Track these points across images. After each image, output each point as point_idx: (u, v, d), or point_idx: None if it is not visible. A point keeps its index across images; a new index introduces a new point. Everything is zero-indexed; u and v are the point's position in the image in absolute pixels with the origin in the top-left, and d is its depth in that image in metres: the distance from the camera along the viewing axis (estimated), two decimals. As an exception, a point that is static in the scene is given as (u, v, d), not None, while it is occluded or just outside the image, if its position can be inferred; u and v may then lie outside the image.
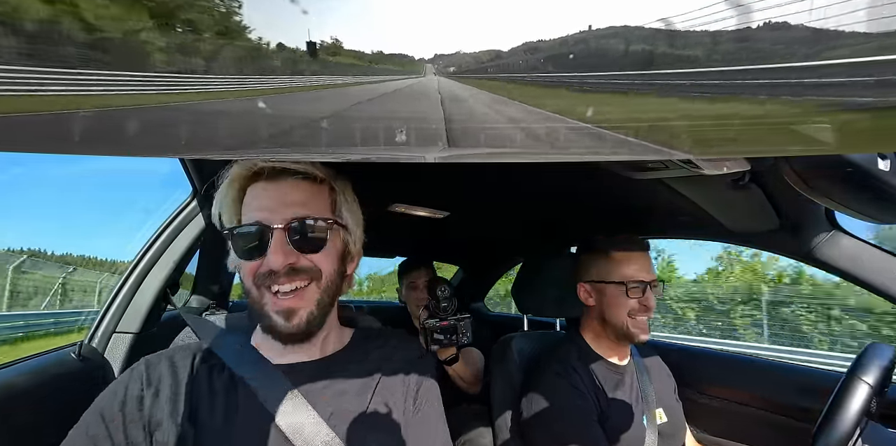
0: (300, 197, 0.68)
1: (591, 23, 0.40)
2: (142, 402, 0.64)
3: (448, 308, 1.23)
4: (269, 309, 0.66)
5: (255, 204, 0.68)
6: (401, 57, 0.44)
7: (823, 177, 0.69)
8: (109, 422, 0.62)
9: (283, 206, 0.66)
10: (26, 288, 9.09)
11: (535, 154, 0.61)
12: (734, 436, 1.39)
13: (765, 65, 0.42)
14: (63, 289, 9.81)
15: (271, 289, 0.65)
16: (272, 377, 0.68)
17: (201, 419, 0.64)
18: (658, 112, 0.50)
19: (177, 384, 0.66)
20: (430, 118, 0.54)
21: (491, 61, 0.47)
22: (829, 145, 0.44)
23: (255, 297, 0.67)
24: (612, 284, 1.14)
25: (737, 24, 0.40)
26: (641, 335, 1.12)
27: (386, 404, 0.71)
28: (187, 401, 0.65)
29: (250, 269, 0.66)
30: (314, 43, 0.42)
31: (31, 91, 0.41)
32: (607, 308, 1.15)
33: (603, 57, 0.44)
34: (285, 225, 0.65)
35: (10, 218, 29.05)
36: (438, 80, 0.49)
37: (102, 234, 33.94)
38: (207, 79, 0.46)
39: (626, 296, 1.12)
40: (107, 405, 0.64)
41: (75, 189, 49.29)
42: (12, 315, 8.36)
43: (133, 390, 0.65)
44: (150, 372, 0.67)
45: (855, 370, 0.78)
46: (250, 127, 0.52)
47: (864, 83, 0.39)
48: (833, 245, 1.09)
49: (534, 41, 0.42)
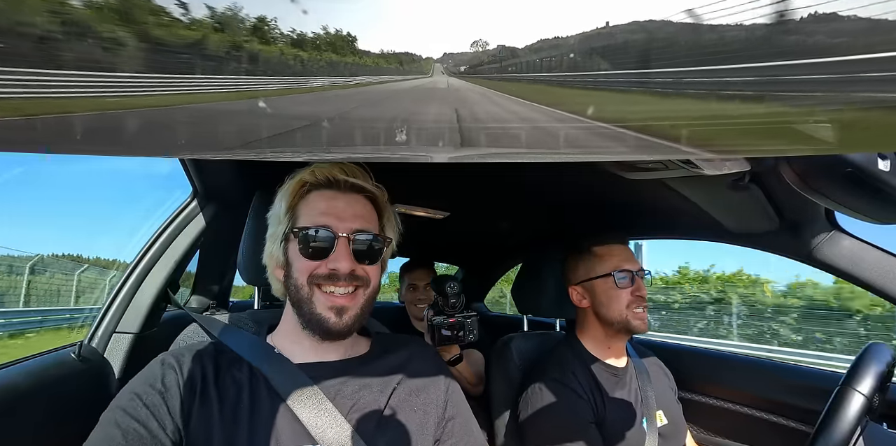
0: (361, 211, 0.75)
1: (586, 24, 0.40)
2: (180, 392, 0.65)
3: (456, 304, 1.23)
4: (321, 305, 0.70)
5: (322, 209, 0.73)
6: (409, 56, 0.44)
7: (823, 177, 0.69)
8: (152, 408, 0.62)
9: (349, 217, 0.73)
10: (45, 286, 9.35)
11: (542, 154, 0.61)
12: (734, 436, 1.39)
13: (765, 63, 0.42)
14: (78, 285, 9.95)
15: (323, 289, 0.70)
16: (292, 373, 0.70)
17: (227, 412, 0.65)
18: (659, 112, 0.50)
19: (204, 378, 0.68)
20: (439, 118, 0.54)
21: (499, 60, 0.47)
22: (829, 145, 0.44)
23: (304, 295, 0.71)
24: (600, 278, 1.16)
25: (735, 24, 0.40)
26: (642, 326, 1.13)
27: (407, 405, 0.73)
28: (215, 395, 0.66)
29: (308, 268, 0.71)
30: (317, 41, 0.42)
31: (31, 92, 0.41)
32: (602, 304, 1.16)
33: (607, 56, 0.44)
34: (349, 234, 0.71)
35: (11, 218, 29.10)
36: (448, 79, 0.50)
37: (102, 235, 34.00)
38: (207, 79, 0.46)
39: (616, 288, 1.14)
40: (144, 391, 0.64)
41: (75, 189, 49.33)
42: (29, 310, 8.58)
43: (171, 379, 0.66)
44: (180, 364, 0.68)
45: (849, 380, 0.77)
46: (251, 127, 0.52)
47: (863, 81, 0.39)
48: (833, 245, 1.09)
49: (543, 40, 0.42)
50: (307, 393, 0.68)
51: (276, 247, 0.74)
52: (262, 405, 0.67)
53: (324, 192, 0.75)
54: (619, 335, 1.18)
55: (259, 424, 0.65)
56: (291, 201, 0.74)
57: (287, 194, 0.75)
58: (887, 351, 0.84)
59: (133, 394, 0.64)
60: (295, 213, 0.74)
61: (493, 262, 2.70)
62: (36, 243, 41.81)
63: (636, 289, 1.14)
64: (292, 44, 0.42)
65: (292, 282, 0.72)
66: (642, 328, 1.14)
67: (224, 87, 0.48)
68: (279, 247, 0.74)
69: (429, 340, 1.25)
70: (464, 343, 1.24)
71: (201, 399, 0.65)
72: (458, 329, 1.22)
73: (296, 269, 0.72)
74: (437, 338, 1.22)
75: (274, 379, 0.69)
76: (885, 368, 0.80)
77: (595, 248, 1.20)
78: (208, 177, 1.19)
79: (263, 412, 0.66)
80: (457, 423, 0.77)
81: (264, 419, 0.66)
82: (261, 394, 0.68)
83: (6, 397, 0.85)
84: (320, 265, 0.71)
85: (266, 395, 0.67)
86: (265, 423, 0.65)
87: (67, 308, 9.24)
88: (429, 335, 1.25)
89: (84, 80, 0.42)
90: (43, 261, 9.45)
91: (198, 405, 0.65)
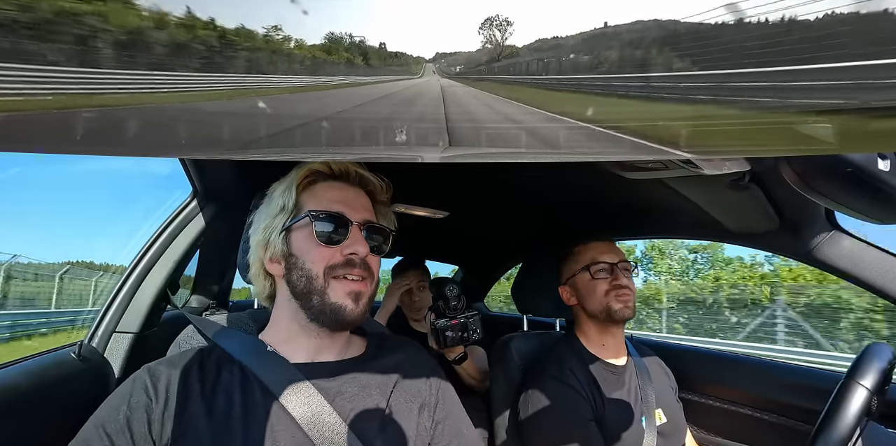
0: (367, 204, 0.76)
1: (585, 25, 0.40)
2: (150, 413, 0.62)
3: (458, 306, 1.24)
4: (338, 293, 0.69)
5: (333, 197, 0.72)
6: (402, 56, 0.44)
7: (823, 177, 0.69)
8: (115, 436, 0.60)
9: (359, 207, 0.73)
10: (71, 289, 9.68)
11: (536, 154, 0.61)
12: (734, 436, 1.39)
13: (765, 68, 0.42)
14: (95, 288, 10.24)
15: (339, 277, 0.69)
16: (287, 372, 0.68)
17: (217, 420, 0.63)
18: (658, 113, 0.50)
19: (187, 387, 0.65)
20: (432, 118, 0.54)
21: (492, 62, 0.47)
22: (829, 145, 0.44)
23: (317, 285, 0.69)
24: (579, 274, 1.21)
25: (735, 26, 0.40)
26: (624, 310, 1.14)
27: (403, 406, 0.72)
28: (202, 404, 0.63)
29: (324, 256, 0.69)
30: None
31: (31, 90, 0.41)
32: (584, 298, 1.20)
33: (598, 61, 0.44)
34: (361, 223, 0.72)
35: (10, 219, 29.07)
36: (440, 80, 0.50)
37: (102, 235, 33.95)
38: (208, 78, 0.46)
39: (592, 279, 1.17)
40: (109, 418, 0.61)
41: (75, 189, 49.29)
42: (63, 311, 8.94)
43: (139, 401, 0.63)
44: (154, 380, 0.65)
45: (853, 373, 0.78)
46: (251, 127, 0.52)
47: (863, 85, 0.39)
48: (833, 245, 1.09)
49: (536, 41, 0.42)
50: (305, 396, 0.66)
51: (276, 238, 0.72)
52: (256, 409, 0.64)
53: (332, 183, 0.74)
54: (608, 327, 1.18)
55: (254, 429, 0.63)
56: (297, 191, 0.73)
57: (291, 185, 0.73)
58: (889, 351, 0.84)
59: (98, 423, 0.61)
60: (299, 204, 0.72)
61: (492, 262, 2.70)
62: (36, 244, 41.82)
63: (614, 279, 1.16)
64: (296, 45, 0.42)
65: (302, 273, 0.69)
66: (625, 313, 1.14)
67: (220, 86, 0.48)
68: (279, 238, 0.71)
69: (433, 344, 1.25)
70: (469, 342, 1.25)
71: (183, 411, 0.62)
72: (462, 330, 1.23)
73: (308, 260, 0.69)
74: (441, 341, 1.22)
75: (269, 381, 0.66)
76: (887, 366, 0.80)
77: (575, 248, 1.25)
78: (208, 177, 1.19)
79: (258, 416, 0.64)
80: (447, 426, 0.76)
81: (259, 423, 0.63)
82: (254, 398, 0.65)
83: (6, 397, 0.85)
84: (335, 252, 0.70)
85: (260, 398, 0.65)
86: (260, 428, 0.63)
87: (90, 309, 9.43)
88: (433, 338, 1.25)
89: (83, 76, 0.42)
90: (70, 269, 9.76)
91: (179, 418, 0.62)
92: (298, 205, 0.72)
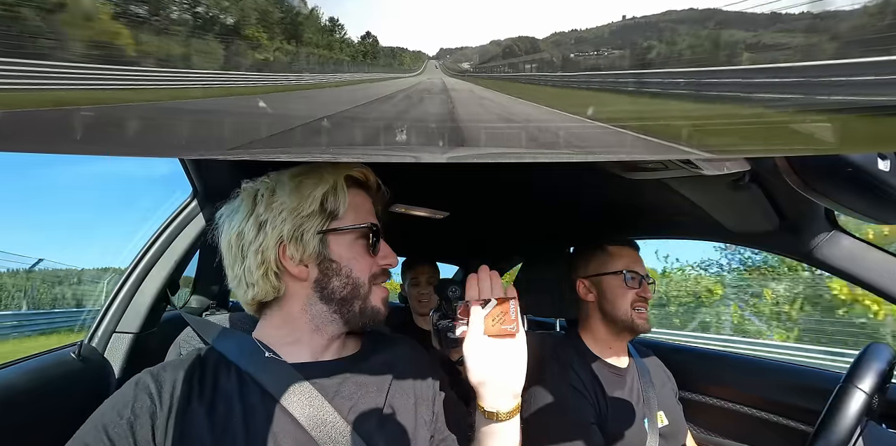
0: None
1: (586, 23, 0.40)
2: (154, 419, 0.61)
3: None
4: (378, 299, 0.74)
5: (367, 208, 0.76)
6: (405, 53, 0.44)
7: (823, 177, 0.69)
8: (117, 440, 0.59)
9: (375, 218, 0.76)
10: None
11: (537, 154, 0.61)
12: (734, 436, 1.39)
13: (765, 65, 0.42)
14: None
15: (378, 284, 0.75)
16: (285, 373, 0.68)
17: (218, 424, 0.62)
18: (659, 112, 0.50)
19: (188, 392, 0.64)
20: (435, 117, 0.54)
21: (496, 59, 0.47)
22: (829, 145, 0.44)
23: (362, 292, 0.73)
24: (610, 275, 1.19)
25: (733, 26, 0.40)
26: (645, 325, 1.16)
27: (401, 402, 0.73)
28: (203, 409, 0.63)
29: (369, 266, 0.73)
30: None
31: (30, 85, 0.41)
32: (608, 301, 1.18)
33: (601, 57, 0.44)
34: (384, 234, 0.76)
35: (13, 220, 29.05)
36: (444, 77, 0.50)
37: (102, 235, 33.94)
38: (208, 77, 0.46)
39: (625, 286, 1.16)
40: (111, 422, 0.60)
41: (74, 189, 49.21)
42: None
43: (143, 406, 0.62)
44: (159, 385, 0.64)
45: (851, 377, 0.78)
46: (251, 126, 0.52)
47: (864, 83, 0.39)
48: (833, 245, 1.09)
49: (540, 38, 0.42)
50: (305, 396, 0.66)
51: (312, 240, 0.69)
52: (256, 413, 0.64)
53: (359, 191, 0.76)
54: (622, 334, 1.19)
55: (255, 433, 0.62)
56: (345, 197, 0.72)
57: (337, 189, 0.71)
58: (888, 351, 0.84)
59: (99, 426, 0.60)
60: (338, 209, 0.71)
61: (492, 262, 2.70)
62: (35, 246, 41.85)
63: (642, 291, 1.16)
64: (293, 41, 0.42)
65: (349, 281, 0.71)
66: (645, 327, 1.16)
67: (219, 84, 0.47)
68: (316, 240, 0.69)
69: (436, 344, 1.25)
70: None
71: (185, 416, 0.61)
72: None
73: (355, 268, 0.72)
74: (444, 342, 1.22)
75: (268, 384, 0.66)
76: (886, 367, 0.80)
77: (609, 247, 1.23)
78: (208, 177, 1.19)
79: (259, 420, 0.64)
80: (446, 420, 0.77)
81: (260, 427, 0.63)
82: (254, 400, 0.65)
83: (6, 397, 0.85)
84: (374, 262, 0.74)
85: (260, 402, 0.65)
86: (262, 432, 0.63)
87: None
88: (436, 339, 1.25)
89: (83, 72, 0.42)
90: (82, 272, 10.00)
91: (181, 424, 0.61)
92: (336, 209, 0.71)
